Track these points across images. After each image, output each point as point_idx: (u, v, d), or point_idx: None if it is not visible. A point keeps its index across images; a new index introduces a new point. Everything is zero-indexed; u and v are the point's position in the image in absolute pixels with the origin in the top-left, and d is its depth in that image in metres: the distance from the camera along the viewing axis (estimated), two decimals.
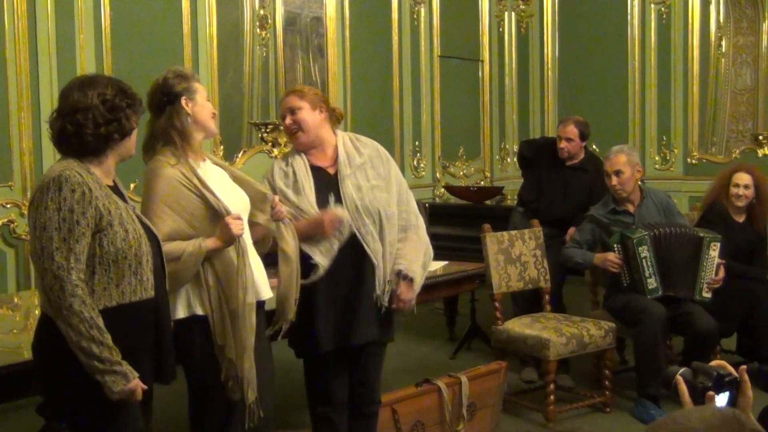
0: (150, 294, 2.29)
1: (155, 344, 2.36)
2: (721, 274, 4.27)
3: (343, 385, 3.10)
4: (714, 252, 4.25)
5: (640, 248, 4.19)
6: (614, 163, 4.37)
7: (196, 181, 2.59)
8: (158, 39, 5.21)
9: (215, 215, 2.58)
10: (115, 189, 2.34)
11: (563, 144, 4.83)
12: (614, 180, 4.36)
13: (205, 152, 2.83)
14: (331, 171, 3.07)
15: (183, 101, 2.66)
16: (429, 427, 3.51)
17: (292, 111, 3.06)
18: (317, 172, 3.05)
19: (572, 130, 4.81)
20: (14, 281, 4.63)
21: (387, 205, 3.05)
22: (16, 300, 4.12)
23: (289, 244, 2.82)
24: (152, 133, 2.69)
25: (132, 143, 2.37)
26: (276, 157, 5.75)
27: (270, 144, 5.84)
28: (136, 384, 2.19)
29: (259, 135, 5.84)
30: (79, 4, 4.81)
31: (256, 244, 2.81)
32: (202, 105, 2.70)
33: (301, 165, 3.05)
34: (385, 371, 3.34)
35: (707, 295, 4.25)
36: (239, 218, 2.59)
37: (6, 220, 4.60)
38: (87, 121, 2.22)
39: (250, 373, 2.60)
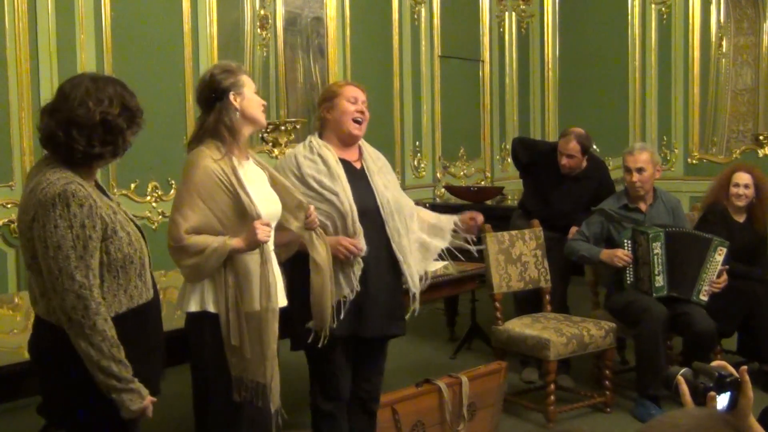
0: (151, 294, 2.28)
1: (159, 344, 2.35)
2: (723, 278, 4.27)
3: (348, 381, 3.12)
4: (720, 256, 4.24)
5: (654, 244, 4.19)
6: (638, 160, 4.35)
7: (233, 180, 2.60)
8: (158, 39, 5.21)
9: (245, 217, 2.58)
10: (98, 187, 2.27)
11: (565, 161, 4.69)
12: (635, 177, 4.34)
13: (251, 151, 2.85)
14: (357, 165, 3.13)
15: (231, 96, 2.67)
16: (429, 427, 3.51)
17: (365, 104, 3.14)
18: (345, 164, 3.09)
19: (575, 147, 4.65)
20: (14, 281, 4.63)
21: (406, 205, 3.19)
22: (16, 300, 4.12)
23: (321, 253, 2.83)
24: (202, 129, 2.70)
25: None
26: (281, 156, 5.75)
27: (270, 144, 5.84)
28: (150, 401, 2.19)
29: (260, 135, 5.83)
30: (80, 4, 4.81)
31: (281, 248, 2.82)
32: (250, 98, 2.71)
33: (330, 155, 3.06)
34: (385, 371, 3.34)
35: (704, 298, 4.24)
36: (268, 225, 2.59)
37: (6, 220, 4.59)
38: (81, 137, 2.13)
39: (274, 381, 2.61)
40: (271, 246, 2.70)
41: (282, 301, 2.76)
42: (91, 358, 2.09)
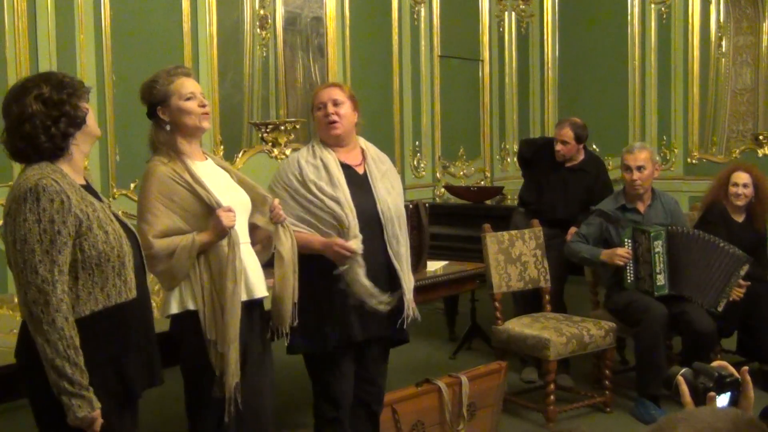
0: (134, 294, 2.26)
1: (144, 345, 2.33)
2: (742, 290, 4.28)
3: (351, 386, 3.10)
4: (743, 272, 4.25)
5: (655, 243, 4.19)
6: (638, 158, 4.36)
7: (187, 177, 2.61)
8: (158, 39, 5.21)
9: (208, 210, 2.59)
10: (87, 188, 2.28)
11: (559, 147, 4.85)
12: (635, 175, 4.34)
13: (209, 154, 2.85)
14: (360, 170, 3.11)
15: (159, 112, 2.68)
16: (429, 427, 3.51)
17: (336, 103, 3.08)
18: (347, 169, 3.07)
19: (567, 133, 4.81)
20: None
21: (404, 213, 3.16)
22: (16, 300, 4.10)
23: (285, 245, 2.81)
24: (150, 142, 2.74)
25: (91, 126, 2.29)
26: (281, 156, 5.75)
27: (270, 144, 5.84)
28: (98, 415, 2.13)
29: (260, 135, 5.84)
30: (79, 4, 4.81)
31: (259, 249, 2.82)
32: (178, 108, 2.67)
33: (331, 159, 3.05)
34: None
35: (720, 309, 4.25)
36: (231, 210, 2.59)
37: None
38: (35, 128, 2.16)
39: (235, 366, 2.59)
40: (243, 236, 2.70)
41: (261, 291, 2.76)
42: (46, 356, 2.07)
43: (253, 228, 2.80)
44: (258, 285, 2.75)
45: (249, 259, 2.73)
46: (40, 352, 2.08)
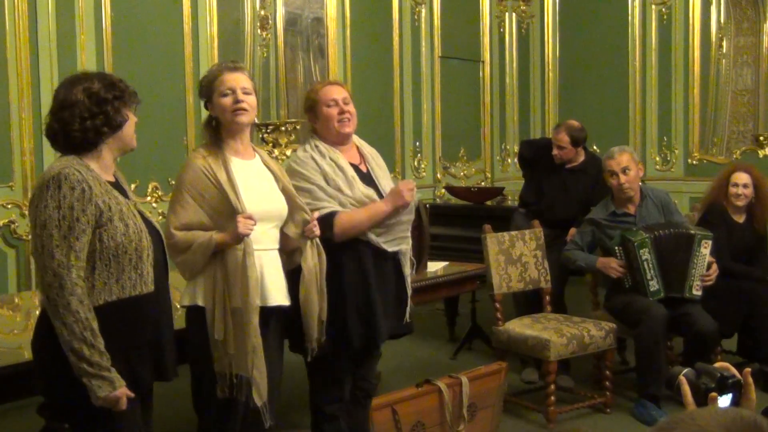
0: (150, 288, 2.29)
1: (155, 340, 2.35)
2: (713, 269, 4.26)
3: (350, 382, 3.13)
4: (705, 250, 4.24)
5: (641, 251, 4.18)
6: (621, 161, 4.35)
7: (221, 175, 2.62)
8: (159, 39, 5.21)
9: (234, 211, 2.60)
10: (116, 185, 2.34)
11: (556, 151, 4.87)
12: (622, 178, 4.33)
13: (261, 152, 2.87)
14: (363, 168, 3.12)
15: (208, 108, 2.75)
16: (429, 428, 3.50)
17: (346, 101, 3.09)
18: (353, 168, 3.08)
19: (563, 138, 4.83)
20: (14, 281, 4.63)
21: None
22: (16, 300, 4.12)
23: (308, 263, 2.81)
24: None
25: (128, 135, 2.34)
26: (282, 157, 5.74)
27: (271, 144, 5.83)
28: (122, 393, 2.18)
29: (260, 135, 5.84)
30: (80, 4, 4.81)
31: (291, 254, 2.82)
32: (217, 105, 2.71)
33: (343, 159, 3.05)
34: (385, 371, 3.36)
35: (697, 292, 4.23)
36: (251, 218, 2.59)
37: (6, 220, 4.59)
38: (73, 117, 2.24)
39: (260, 377, 2.60)
40: (266, 244, 2.70)
41: (278, 300, 2.74)
42: (63, 338, 2.13)
43: (286, 235, 2.80)
44: (274, 293, 2.73)
45: (271, 267, 2.72)
46: (59, 336, 2.13)
